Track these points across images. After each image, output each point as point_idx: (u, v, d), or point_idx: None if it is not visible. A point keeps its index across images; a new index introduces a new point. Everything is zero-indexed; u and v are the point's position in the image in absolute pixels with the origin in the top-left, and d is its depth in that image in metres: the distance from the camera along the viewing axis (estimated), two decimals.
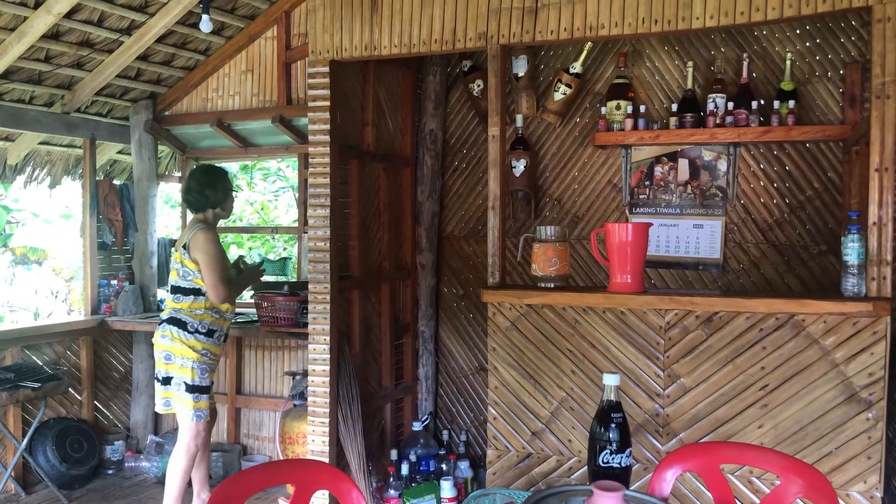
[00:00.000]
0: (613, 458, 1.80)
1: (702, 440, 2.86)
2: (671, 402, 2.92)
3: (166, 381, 3.54)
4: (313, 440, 3.70)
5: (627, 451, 1.81)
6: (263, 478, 1.94)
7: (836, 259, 3.70)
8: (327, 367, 3.66)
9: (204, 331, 3.51)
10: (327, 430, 3.67)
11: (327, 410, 3.67)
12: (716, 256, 3.97)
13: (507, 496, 2.00)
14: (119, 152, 5.25)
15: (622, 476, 1.79)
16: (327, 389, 3.66)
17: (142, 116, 5.01)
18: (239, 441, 4.94)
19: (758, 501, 2.75)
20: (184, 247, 3.55)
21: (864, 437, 2.66)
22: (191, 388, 3.48)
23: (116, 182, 5.22)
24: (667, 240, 4.05)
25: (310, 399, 3.72)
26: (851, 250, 2.72)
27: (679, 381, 2.91)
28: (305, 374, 3.96)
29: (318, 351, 3.67)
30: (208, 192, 3.63)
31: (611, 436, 1.81)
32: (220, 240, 3.64)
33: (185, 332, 3.49)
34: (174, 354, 3.50)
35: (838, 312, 2.67)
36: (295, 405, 4.22)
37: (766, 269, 3.90)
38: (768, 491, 2.69)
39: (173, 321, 3.52)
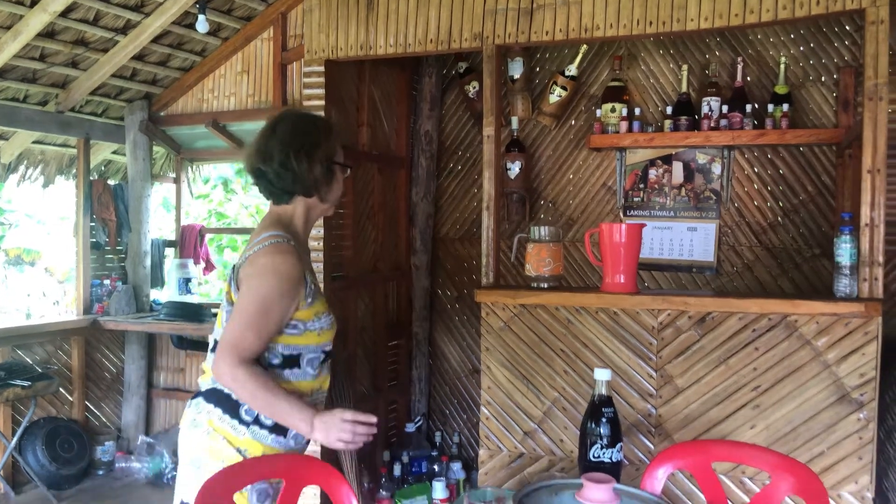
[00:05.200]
0: (604, 453, 1.80)
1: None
2: (664, 402, 2.92)
3: None
4: None
5: (618, 445, 1.81)
6: (253, 472, 1.93)
7: (829, 262, 3.70)
8: None
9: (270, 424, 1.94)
10: None
11: None
12: (709, 259, 3.98)
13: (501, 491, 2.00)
14: (114, 152, 5.23)
15: (613, 470, 1.79)
16: None
17: (137, 116, 5.00)
18: None
19: (749, 501, 2.74)
20: (233, 269, 1.97)
21: (855, 438, 2.66)
22: None
23: (111, 182, 5.20)
24: (660, 242, 4.05)
25: None
26: (844, 251, 2.72)
27: (672, 381, 2.91)
28: None
29: None
30: (293, 164, 1.93)
31: (602, 431, 1.81)
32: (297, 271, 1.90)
33: (236, 420, 1.93)
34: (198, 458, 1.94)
35: (830, 313, 2.67)
36: None
37: (759, 272, 3.91)
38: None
39: (212, 396, 1.95)
